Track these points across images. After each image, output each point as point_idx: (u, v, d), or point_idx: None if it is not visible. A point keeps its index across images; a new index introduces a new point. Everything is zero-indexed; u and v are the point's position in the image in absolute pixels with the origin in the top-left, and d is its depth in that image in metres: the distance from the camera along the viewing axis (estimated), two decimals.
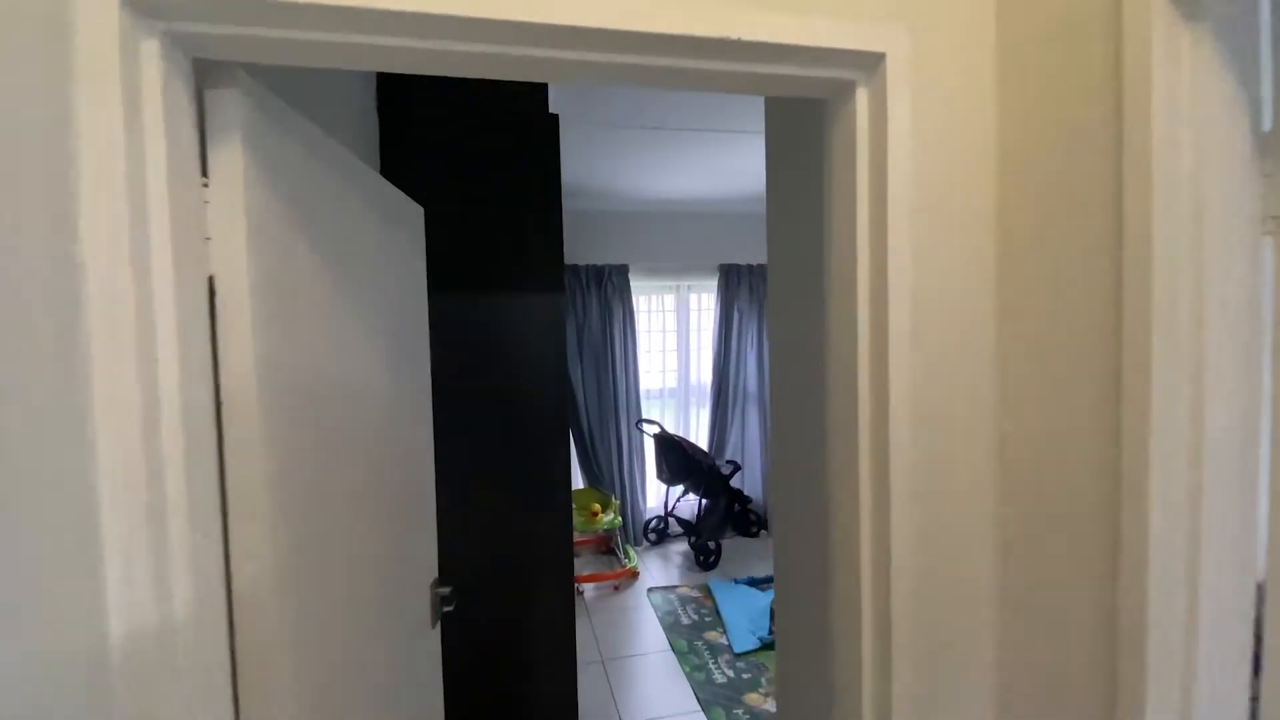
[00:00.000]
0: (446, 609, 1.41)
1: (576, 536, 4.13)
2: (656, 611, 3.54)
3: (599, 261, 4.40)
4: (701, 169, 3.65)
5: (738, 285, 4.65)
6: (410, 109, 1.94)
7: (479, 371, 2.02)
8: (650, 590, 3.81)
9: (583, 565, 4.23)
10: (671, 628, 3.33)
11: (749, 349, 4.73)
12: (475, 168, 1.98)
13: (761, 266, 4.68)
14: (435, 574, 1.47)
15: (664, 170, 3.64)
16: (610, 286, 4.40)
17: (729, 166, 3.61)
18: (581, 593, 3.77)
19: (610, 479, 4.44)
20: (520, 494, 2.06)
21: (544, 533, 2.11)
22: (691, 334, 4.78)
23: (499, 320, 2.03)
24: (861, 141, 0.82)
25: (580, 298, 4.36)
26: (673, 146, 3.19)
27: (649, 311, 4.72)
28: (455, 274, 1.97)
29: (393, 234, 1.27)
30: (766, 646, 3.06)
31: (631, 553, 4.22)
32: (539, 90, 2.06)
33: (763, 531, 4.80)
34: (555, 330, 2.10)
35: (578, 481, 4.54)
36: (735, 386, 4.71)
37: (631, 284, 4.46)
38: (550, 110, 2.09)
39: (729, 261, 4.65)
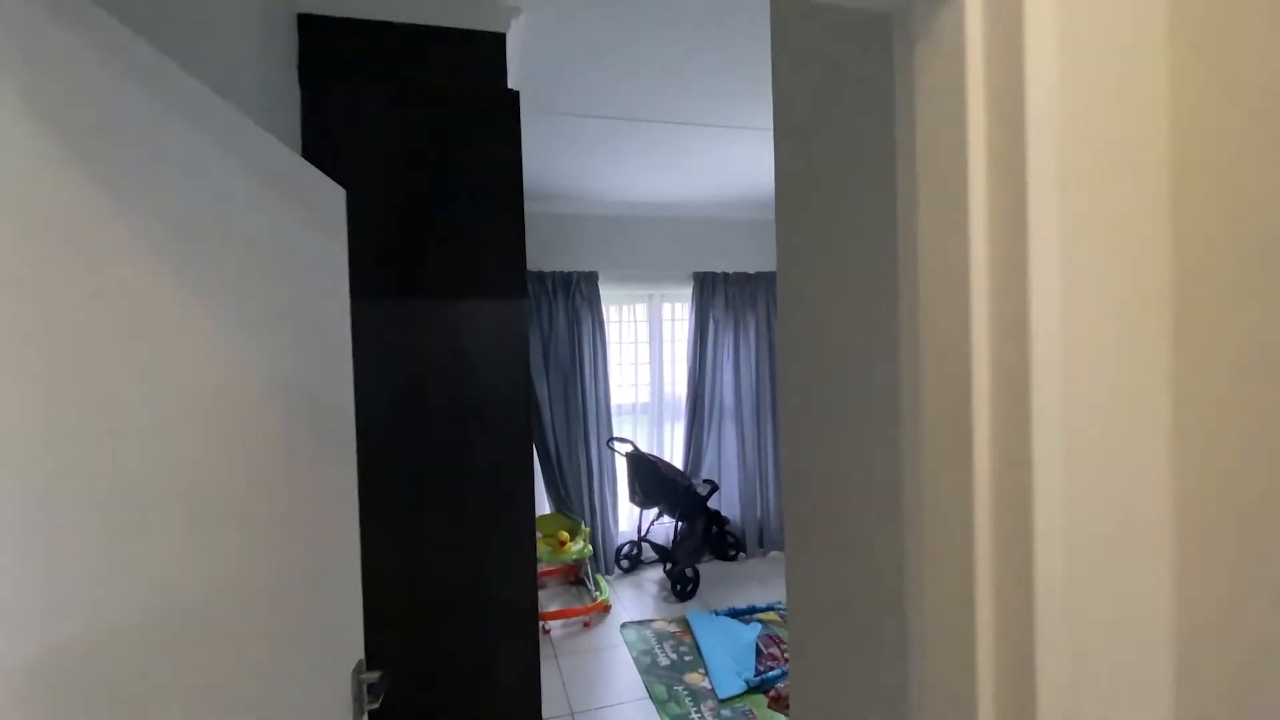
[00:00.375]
0: (372, 707, 1.08)
1: (543, 567, 3.79)
2: (631, 650, 3.21)
3: (566, 268, 4.10)
4: (676, 168, 3.41)
5: (712, 294, 4.41)
6: (338, 82, 1.63)
7: (428, 389, 1.70)
8: (624, 625, 3.49)
9: (549, 598, 3.88)
10: (648, 669, 3.01)
11: (725, 361, 4.49)
12: (422, 154, 1.67)
13: (739, 274, 4.47)
14: (361, 656, 1.14)
15: (635, 169, 3.39)
16: (578, 295, 4.10)
17: (705, 166, 3.38)
18: (548, 630, 3.42)
19: (579, 503, 4.11)
20: (477, 528, 1.74)
21: (504, 572, 1.78)
22: (665, 345, 4.52)
23: (453, 330, 1.72)
24: (974, 75, 0.55)
25: (546, 307, 4.05)
26: (645, 141, 2.93)
27: (620, 322, 4.44)
28: (399, 277, 1.66)
29: (292, 216, 0.96)
30: (754, 689, 2.77)
31: (603, 583, 3.90)
32: (497, 61, 1.77)
33: (741, 554, 4.54)
34: (518, 341, 1.79)
35: (544, 506, 4.20)
36: (711, 401, 4.46)
37: (601, 292, 4.18)
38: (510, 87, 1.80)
39: (704, 269, 4.42)
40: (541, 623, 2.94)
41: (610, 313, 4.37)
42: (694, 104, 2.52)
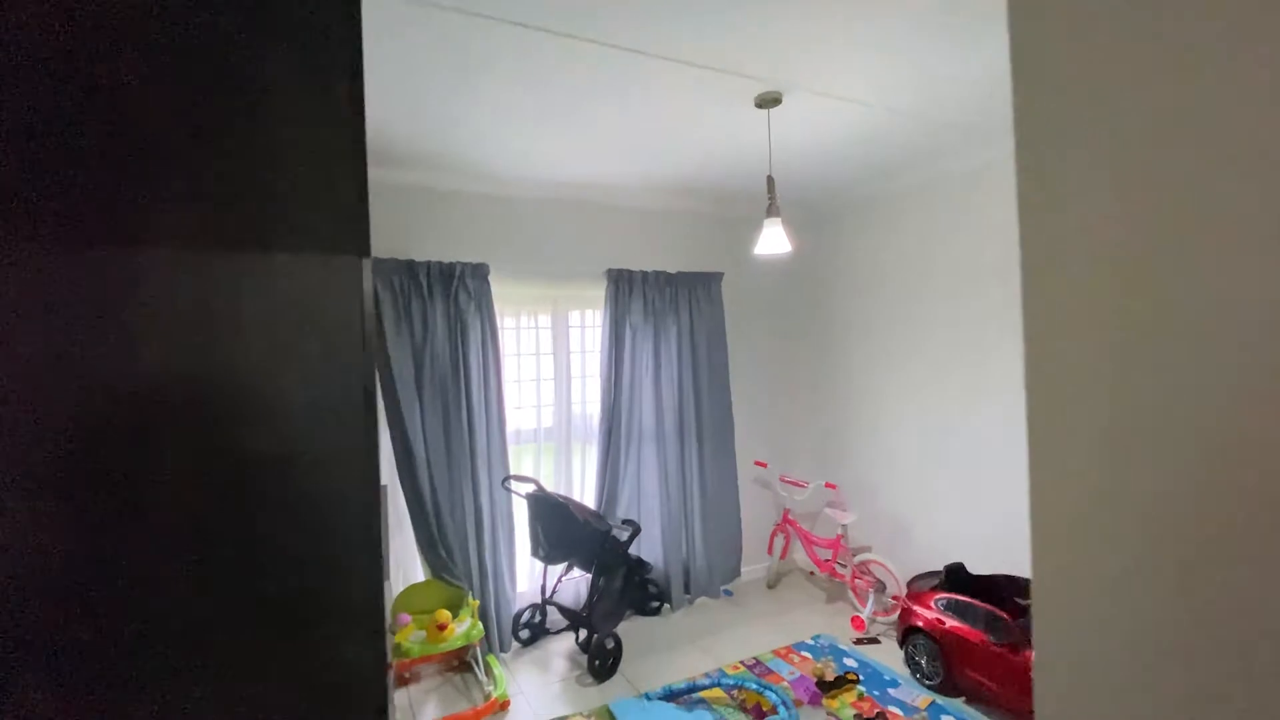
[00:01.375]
0: None
1: (412, 659, 2.81)
2: None
3: (448, 258, 3.18)
4: (586, 133, 2.67)
5: (629, 296, 3.70)
6: None
7: (151, 430, 0.78)
8: None
9: (422, 697, 2.88)
10: None
11: (644, 375, 3.78)
12: None
13: (659, 274, 3.79)
14: None
15: (534, 129, 2.60)
16: (463, 293, 3.19)
17: (624, 130, 2.67)
18: None
19: (465, 564, 3.16)
20: (271, 654, 0.84)
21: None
22: (573, 357, 3.71)
23: (206, 310, 0.82)
24: None
25: (420, 307, 3.10)
26: (544, 74, 2.16)
27: (518, 329, 3.57)
28: (66, 205, 0.74)
29: None
30: None
31: (498, 670, 2.97)
32: None
33: (665, 606, 3.81)
34: (350, 334, 0.92)
35: (417, 573, 3.19)
36: (629, 422, 3.72)
37: (494, 291, 3.30)
38: None
39: (620, 266, 3.70)
40: None
41: (505, 318, 3.50)
42: (614, 12, 1.79)
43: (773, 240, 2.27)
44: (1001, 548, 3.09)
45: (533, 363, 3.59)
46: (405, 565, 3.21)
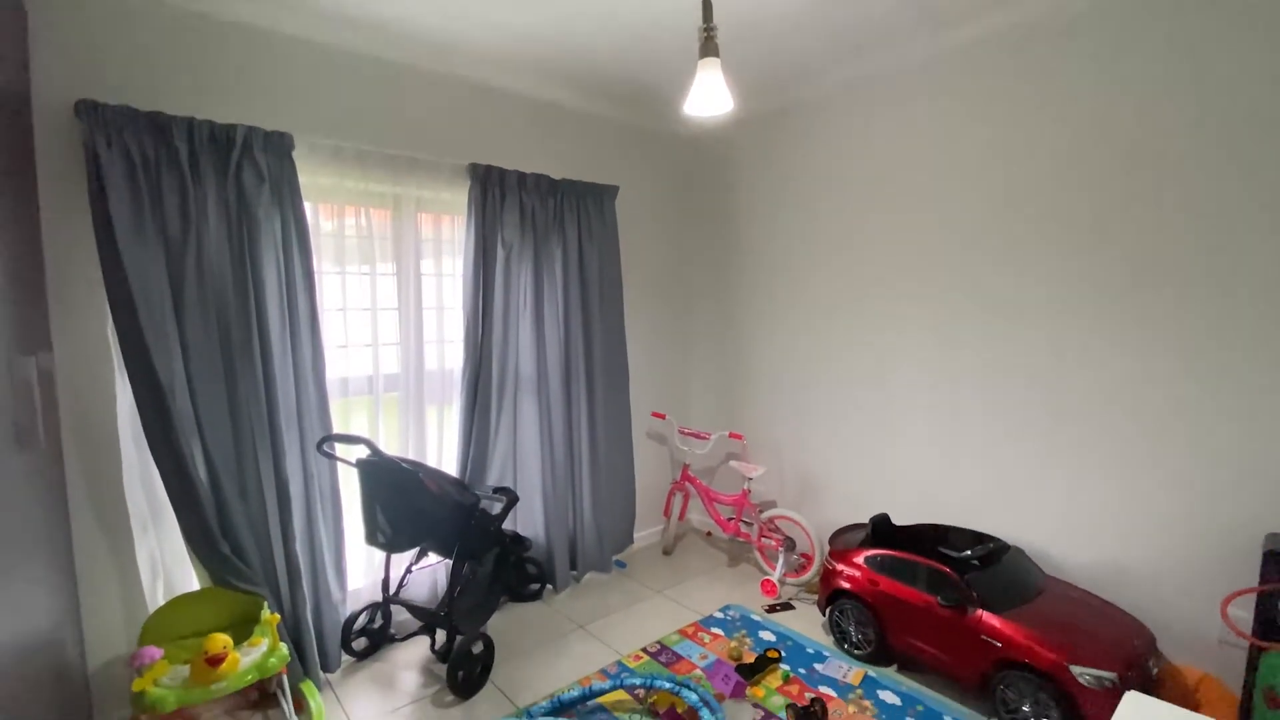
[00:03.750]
0: None
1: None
2: None
3: (226, 118, 2.12)
4: None
5: (500, 205, 2.87)
6: None
7: None
8: None
9: None
10: None
11: (521, 309, 3.01)
12: None
13: (541, 178, 2.98)
14: None
15: None
16: (250, 173, 2.16)
17: None
18: None
19: (264, 564, 2.24)
20: None
21: None
22: (426, 282, 2.81)
23: None
24: None
25: (179, 190, 2.04)
26: None
27: (341, 236, 2.59)
28: None
29: None
30: None
31: (314, 703, 2.14)
32: None
33: (548, 588, 3.16)
34: None
35: (189, 581, 2.22)
36: (502, 370, 2.94)
37: (301, 179, 2.30)
38: None
39: (487, 162, 2.84)
40: None
41: (322, 219, 2.51)
42: None
43: (709, 91, 1.61)
44: (920, 496, 2.83)
45: (366, 285, 2.64)
46: (170, 571, 2.21)
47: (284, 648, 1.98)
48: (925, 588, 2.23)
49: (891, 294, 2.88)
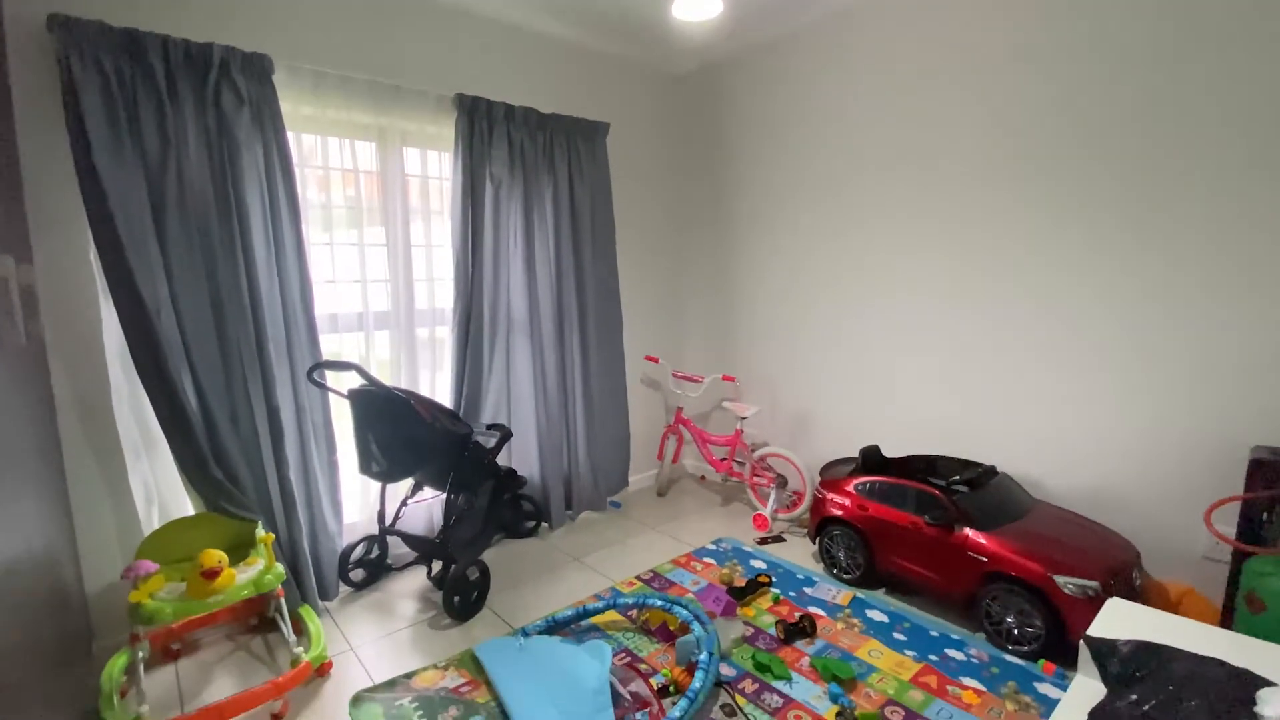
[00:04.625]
0: None
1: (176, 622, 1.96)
2: None
3: (202, 36, 2.07)
4: None
5: (489, 138, 2.82)
6: None
7: None
8: (358, 698, 1.88)
9: (202, 672, 2.03)
10: None
11: (513, 248, 2.98)
12: None
13: (529, 111, 2.93)
14: None
15: None
16: (229, 95, 2.12)
17: None
18: None
19: (258, 490, 2.25)
20: None
21: None
22: (414, 218, 2.78)
23: None
24: None
25: (156, 110, 1.99)
26: None
27: (325, 168, 2.55)
28: None
29: None
30: None
31: (313, 626, 2.18)
32: None
33: (544, 526, 3.20)
34: None
35: (184, 507, 2.24)
36: (493, 310, 2.92)
37: (283, 106, 2.25)
38: None
39: (475, 93, 2.78)
40: None
41: (308, 150, 2.47)
42: None
43: None
44: (909, 428, 2.84)
45: (347, 219, 2.61)
46: (164, 498, 2.23)
47: (280, 567, 2.01)
48: (914, 510, 2.25)
49: (879, 229, 2.85)
